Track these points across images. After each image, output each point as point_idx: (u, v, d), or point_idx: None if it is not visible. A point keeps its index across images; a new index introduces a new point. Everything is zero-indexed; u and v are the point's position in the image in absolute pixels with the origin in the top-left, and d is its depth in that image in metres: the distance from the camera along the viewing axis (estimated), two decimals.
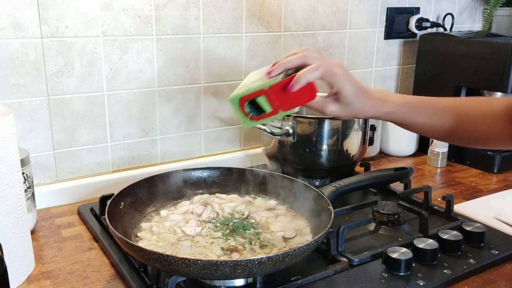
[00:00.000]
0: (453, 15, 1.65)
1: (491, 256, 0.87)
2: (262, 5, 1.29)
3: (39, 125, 1.07)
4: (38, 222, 1.00)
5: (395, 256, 0.81)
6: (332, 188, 0.95)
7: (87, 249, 0.91)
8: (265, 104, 0.69)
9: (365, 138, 1.18)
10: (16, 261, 0.78)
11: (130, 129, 1.18)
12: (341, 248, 0.86)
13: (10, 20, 0.98)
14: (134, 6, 1.11)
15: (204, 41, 1.23)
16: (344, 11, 1.44)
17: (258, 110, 0.71)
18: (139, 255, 0.70)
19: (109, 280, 0.81)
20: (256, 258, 0.66)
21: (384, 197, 1.12)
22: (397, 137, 1.45)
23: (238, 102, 0.71)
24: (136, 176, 1.01)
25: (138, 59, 1.15)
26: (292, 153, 1.14)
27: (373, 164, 1.33)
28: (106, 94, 1.13)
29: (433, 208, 1.05)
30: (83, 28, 1.06)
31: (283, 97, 0.69)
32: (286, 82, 0.68)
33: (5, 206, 0.75)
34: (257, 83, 0.70)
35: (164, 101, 1.21)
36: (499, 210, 1.06)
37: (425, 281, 0.78)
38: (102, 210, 0.97)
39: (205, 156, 1.31)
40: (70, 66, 1.07)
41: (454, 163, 1.41)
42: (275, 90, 0.68)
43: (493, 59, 1.31)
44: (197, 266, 0.65)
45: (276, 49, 1.35)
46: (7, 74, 1.00)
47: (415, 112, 0.78)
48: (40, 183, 1.10)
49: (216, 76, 1.27)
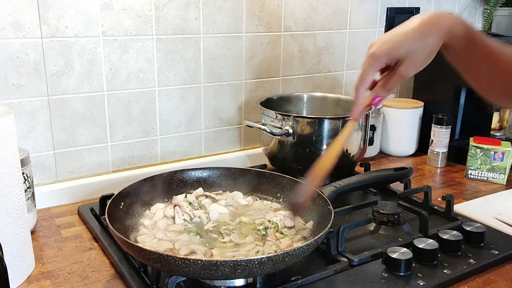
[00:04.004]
0: None
1: (491, 256, 0.87)
2: (262, 5, 1.29)
3: (39, 125, 1.07)
4: (38, 222, 1.00)
5: (395, 256, 0.81)
6: (332, 188, 0.95)
7: (87, 249, 0.91)
8: None
9: (365, 138, 1.18)
10: (16, 261, 0.78)
11: (130, 129, 1.18)
12: (341, 248, 0.86)
13: (10, 20, 0.98)
14: (134, 6, 1.11)
15: (204, 41, 1.23)
16: (344, 11, 1.44)
17: None
18: (139, 255, 0.70)
19: (109, 280, 0.81)
20: (256, 258, 0.66)
21: (384, 197, 1.12)
22: (397, 137, 1.45)
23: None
24: (136, 176, 1.01)
25: (138, 59, 1.15)
26: (292, 153, 1.14)
27: (373, 164, 1.33)
28: (106, 94, 1.13)
29: (433, 208, 1.05)
30: (83, 28, 1.06)
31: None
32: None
33: (5, 206, 0.75)
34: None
35: (164, 101, 1.21)
36: (499, 210, 1.06)
37: (425, 281, 0.78)
38: (102, 210, 0.97)
39: (205, 156, 1.31)
40: (70, 66, 1.07)
41: (454, 163, 1.41)
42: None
43: None
44: (197, 266, 0.65)
45: (276, 49, 1.35)
46: (7, 74, 1.00)
47: (488, 43, 0.71)
48: (40, 183, 1.10)
49: (216, 76, 1.27)
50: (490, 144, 1.27)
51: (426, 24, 0.70)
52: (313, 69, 1.44)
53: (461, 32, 0.70)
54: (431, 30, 0.69)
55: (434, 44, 0.70)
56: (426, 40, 0.69)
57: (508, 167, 1.25)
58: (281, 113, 1.13)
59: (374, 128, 1.40)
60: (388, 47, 0.70)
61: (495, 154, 1.26)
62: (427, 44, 0.69)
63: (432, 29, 0.69)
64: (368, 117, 1.18)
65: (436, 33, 0.69)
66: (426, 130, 1.41)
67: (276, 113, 1.14)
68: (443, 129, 1.36)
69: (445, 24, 0.70)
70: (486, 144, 1.27)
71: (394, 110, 1.43)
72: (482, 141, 1.28)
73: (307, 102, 1.36)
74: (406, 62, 0.70)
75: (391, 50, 0.70)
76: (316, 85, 1.46)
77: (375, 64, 0.71)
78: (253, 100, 1.34)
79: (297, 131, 1.11)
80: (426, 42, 0.69)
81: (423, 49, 0.70)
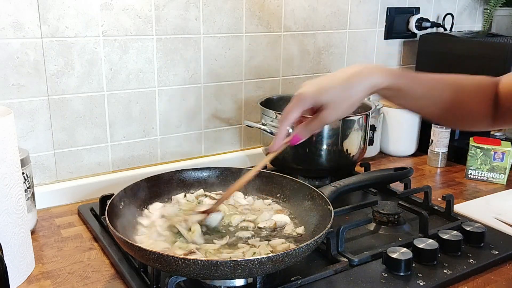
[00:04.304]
0: (453, 15, 1.65)
1: (491, 256, 0.87)
2: (262, 5, 1.29)
3: (39, 125, 1.07)
4: (38, 222, 1.00)
5: (395, 256, 0.81)
6: (332, 188, 0.95)
7: (87, 249, 0.91)
8: None
9: (365, 138, 1.18)
10: (16, 261, 0.78)
11: (130, 129, 1.18)
12: (341, 248, 0.86)
13: (10, 20, 0.98)
14: (134, 6, 1.11)
15: (204, 41, 1.23)
16: (344, 11, 1.44)
17: None
18: (139, 255, 0.70)
19: (109, 280, 0.81)
20: (256, 258, 0.66)
21: (384, 197, 1.12)
22: (397, 137, 1.45)
23: None
24: (136, 176, 1.01)
25: (138, 59, 1.15)
26: (292, 153, 1.14)
27: (373, 164, 1.33)
28: (106, 94, 1.13)
29: (433, 208, 1.05)
30: (83, 28, 1.06)
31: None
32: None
33: (5, 206, 0.75)
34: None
35: (164, 101, 1.21)
36: (499, 210, 1.06)
37: (425, 281, 0.78)
38: (102, 210, 0.97)
39: (205, 156, 1.31)
40: (70, 66, 1.07)
41: (454, 163, 1.41)
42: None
43: (493, 59, 1.31)
44: (197, 266, 0.65)
45: (276, 49, 1.35)
46: (7, 74, 1.00)
47: (414, 84, 0.78)
48: (40, 183, 1.10)
49: (216, 76, 1.27)
50: (490, 144, 1.27)
51: (351, 77, 0.75)
52: (313, 69, 1.44)
53: (388, 84, 0.75)
54: (355, 83, 0.74)
55: (356, 97, 0.75)
56: (348, 92, 0.74)
57: (508, 167, 1.25)
58: (281, 113, 1.13)
59: (374, 128, 1.40)
60: (314, 92, 0.74)
61: (495, 154, 1.26)
62: (349, 96, 0.74)
63: (356, 82, 0.74)
64: (368, 117, 1.18)
65: (359, 87, 0.75)
66: (426, 130, 1.41)
67: (276, 113, 1.14)
68: (443, 129, 1.36)
69: (370, 78, 0.75)
70: (486, 144, 1.27)
71: (394, 110, 1.43)
72: (482, 141, 1.28)
73: None
74: (328, 109, 0.74)
75: (315, 95, 0.74)
76: None
77: (300, 104, 0.74)
78: (253, 100, 1.34)
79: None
80: (348, 93, 0.74)
81: (345, 100, 0.74)
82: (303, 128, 0.77)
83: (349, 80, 0.74)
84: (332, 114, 0.75)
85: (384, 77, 0.75)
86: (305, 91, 0.74)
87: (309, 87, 0.75)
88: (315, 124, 0.76)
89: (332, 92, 0.74)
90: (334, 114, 0.75)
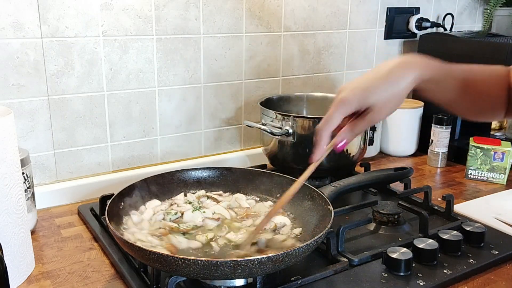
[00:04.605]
0: (453, 15, 1.65)
1: (491, 256, 0.87)
2: (262, 5, 1.29)
3: (39, 125, 1.07)
4: (38, 222, 1.00)
5: (395, 256, 0.81)
6: (332, 188, 0.95)
7: (87, 249, 0.91)
8: None
9: (365, 138, 1.18)
10: (16, 261, 0.78)
11: (130, 129, 1.18)
12: (341, 248, 0.86)
13: (10, 20, 0.98)
14: (134, 6, 1.11)
15: (204, 41, 1.23)
16: (344, 11, 1.44)
17: None
18: (139, 255, 0.70)
19: (109, 280, 0.81)
20: (256, 258, 0.66)
21: (384, 197, 1.12)
22: (397, 137, 1.45)
23: None
24: (136, 176, 1.01)
25: (138, 59, 1.15)
26: (292, 153, 1.14)
27: (373, 164, 1.33)
28: (106, 94, 1.13)
29: (433, 208, 1.05)
30: (83, 28, 1.06)
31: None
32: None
33: (5, 206, 0.75)
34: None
35: (164, 101, 1.21)
36: (499, 210, 1.06)
37: (425, 281, 0.78)
38: (102, 210, 0.97)
39: (205, 156, 1.31)
40: (70, 66, 1.07)
41: (454, 163, 1.41)
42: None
43: (493, 59, 1.31)
44: (197, 266, 0.65)
45: (276, 49, 1.35)
46: (7, 74, 1.00)
47: (449, 76, 0.76)
48: (40, 183, 1.10)
49: (216, 76, 1.27)
50: (490, 144, 1.27)
51: (395, 72, 0.71)
52: (313, 69, 1.44)
53: (430, 76, 0.73)
54: (400, 78, 0.71)
55: (403, 92, 0.72)
56: (395, 88, 0.71)
57: (508, 167, 1.25)
58: (281, 113, 1.13)
59: (374, 128, 1.40)
60: (359, 95, 0.70)
61: (495, 154, 1.26)
62: (396, 93, 0.71)
63: (400, 77, 0.71)
64: None
65: (405, 81, 0.71)
66: (426, 130, 1.41)
67: (276, 113, 1.14)
68: (443, 129, 1.36)
69: (413, 71, 0.72)
70: (486, 144, 1.27)
71: None
72: (482, 141, 1.28)
73: (307, 102, 1.36)
74: (376, 109, 0.71)
75: (361, 98, 0.70)
76: (316, 85, 1.46)
77: (344, 110, 0.71)
78: (253, 100, 1.34)
79: (297, 131, 1.11)
80: (395, 90, 0.71)
81: (392, 97, 0.71)
82: (348, 131, 0.73)
83: (391, 77, 0.71)
84: (380, 114, 0.72)
85: (425, 69, 0.73)
86: (349, 95, 0.70)
87: (352, 91, 0.71)
88: (362, 126, 0.72)
89: (377, 93, 0.70)
90: (383, 114, 0.72)
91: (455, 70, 0.78)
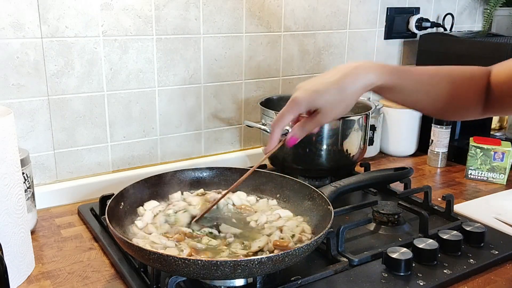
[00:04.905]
0: (453, 15, 1.65)
1: (491, 256, 0.87)
2: (262, 5, 1.29)
3: (39, 125, 1.07)
4: (38, 222, 1.00)
5: (395, 256, 0.81)
6: (332, 188, 0.95)
7: (87, 249, 0.91)
8: None
9: (365, 138, 1.18)
10: (16, 261, 0.78)
11: (130, 129, 1.18)
12: (341, 248, 0.86)
13: (10, 20, 0.98)
14: (134, 6, 1.11)
15: (204, 41, 1.23)
16: (344, 11, 1.44)
17: None
18: (139, 255, 0.70)
19: (109, 280, 0.81)
20: (256, 258, 0.66)
21: (384, 197, 1.12)
22: (397, 137, 1.45)
23: None
24: (136, 176, 1.01)
25: (138, 59, 1.15)
26: (292, 153, 1.14)
27: (373, 164, 1.33)
28: (106, 94, 1.13)
29: (433, 208, 1.05)
30: (83, 28, 1.06)
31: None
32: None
33: (5, 206, 0.75)
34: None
35: (164, 101, 1.21)
36: (499, 210, 1.06)
37: (425, 281, 0.78)
38: (102, 210, 0.97)
39: (205, 156, 1.31)
40: (70, 66, 1.07)
41: (454, 163, 1.41)
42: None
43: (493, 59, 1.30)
44: (197, 266, 0.65)
45: (276, 49, 1.35)
46: (7, 74, 1.00)
47: (407, 80, 0.77)
48: (40, 183, 1.10)
49: (216, 76, 1.27)
50: (490, 144, 1.27)
51: (344, 78, 0.74)
52: (313, 69, 1.44)
53: (383, 82, 0.75)
54: (349, 85, 0.74)
55: (351, 98, 0.75)
56: (342, 94, 0.74)
57: (508, 167, 1.25)
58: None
59: (374, 128, 1.40)
60: (308, 97, 0.74)
61: (495, 154, 1.26)
62: (343, 98, 0.74)
63: (349, 83, 0.74)
64: (368, 117, 1.18)
65: (353, 88, 0.74)
66: (426, 130, 1.41)
67: (276, 113, 1.14)
68: (443, 129, 1.36)
69: (364, 78, 0.74)
70: (486, 144, 1.27)
71: (394, 110, 1.43)
72: (482, 141, 1.28)
73: None
74: (323, 112, 0.75)
75: (310, 100, 0.74)
76: None
77: (294, 109, 0.75)
78: (253, 100, 1.34)
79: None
80: (342, 96, 0.74)
81: (340, 102, 0.74)
82: (299, 128, 0.77)
83: (342, 81, 0.74)
84: (327, 117, 0.75)
85: (377, 76, 0.75)
86: (300, 95, 0.74)
87: (303, 92, 0.74)
88: (311, 125, 0.77)
89: (326, 96, 0.73)
90: (329, 116, 0.75)
91: (416, 72, 0.79)
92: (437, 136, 1.36)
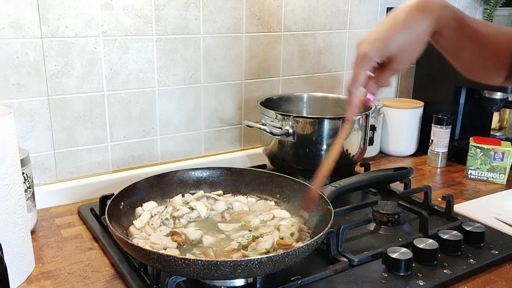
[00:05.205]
0: None
1: (491, 256, 0.87)
2: (262, 5, 1.29)
3: (39, 125, 1.07)
4: (38, 222, 1.00)
5: (395, 256, 0.81)
6: (332, 188, 0.95)
7: (87, 249, 0.91)
8: None
9: (365, 138, 1.18)
10: (16, 261, 0.78)
11: (130, 129, 1.18)
12: (341, 248, 0.86)
13: (10, 20, 0.98)
14: (134, 6, 1.11)
15: (204, 41, 1.23)
16: (344, 11, 1.44)
17: None
18: (139, 255, 0.70)
19: (109, 280, 0.81)
20: (256, 258, 0.66)
21: (384, 197, 1.12)
22: (397, 137, 1.46)
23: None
24: (136, 176, 1.01)
25: (138, 59, 1.15)
26: (292, 153, 1.14)
27: (373, 164, 1.33)
28: (106, 94, 1.13)
29: (433, 208, 1.05)
30: (83, 28, 1.06)
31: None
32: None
33: (5, 206, 0.75)
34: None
35: (164, 101, 1.21)
36: (499, 210, 1.06)
37: (425, 281, 0.78)
38: (102, 210, 0.97)
39: (205, 156, 1.31)
40: (70, 66, 1.07)
41: (454, 163, 1.41)
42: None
43: None
44: (197, 266, 0.65)
45: (276, 49, 1.35)
46: (7, 74, 1.00)
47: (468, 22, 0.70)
48: (40, 183, 1.10)
49: (216, 76, 1.27)
50: (490, 144, 1.27)
51: (412, 14, 0.68)
52: (313, 69, 1.44)
53: (448, 18, 0.69)
54: (419, 20, 0.68)
55: (424, 35, 0.68)
56: (415, 32, 0.68)
57: (508, 167, 1.25)
58: (281, 113, 1.13)
59: (374, 128, 1.40)
60: (379, 46, 0.69)
61: (495, 154, 1.26)
62: (416, 36, 0.68)
63: (419, 19, 0.68)
64: (368, 117, 1.18)
65: (424, 23, 0.68)
66: (426, 130, 1.41)
67: (276, 113, 1.14)
68: (443, 129, 1.36)
69: (431, 11, 0.68)
70: (486, 144, 1.27)
71: (394, 110, 1.43)
72: (482, 141, 1.28)
73: (307, 102, 1.36)
74: (399, 57, 0.69)
75: (382, 49, 0.69)
76: (316, 85, 1.46)
77: (367, 64, 0.70)
78: (253, 100, 1.34)
79: (297, 131, 1.11)
80: (415, 34, 0.68)
81: (414, 42, 0.69)
82: (372, 85, 0.72)
83: (411, 19, 0.67)
84: (403, 62, 0.70)
85: (446, 8, 0.68)
86: (369, 49, 0.69)
87: (370, 44, 0.69)
88: (386, 76, 0.71)
89: (398, 40, 0.67)
90: (405, 62, 0.70)
91: (468, 18, 0.72)
92: (437, 136, 1.36)
